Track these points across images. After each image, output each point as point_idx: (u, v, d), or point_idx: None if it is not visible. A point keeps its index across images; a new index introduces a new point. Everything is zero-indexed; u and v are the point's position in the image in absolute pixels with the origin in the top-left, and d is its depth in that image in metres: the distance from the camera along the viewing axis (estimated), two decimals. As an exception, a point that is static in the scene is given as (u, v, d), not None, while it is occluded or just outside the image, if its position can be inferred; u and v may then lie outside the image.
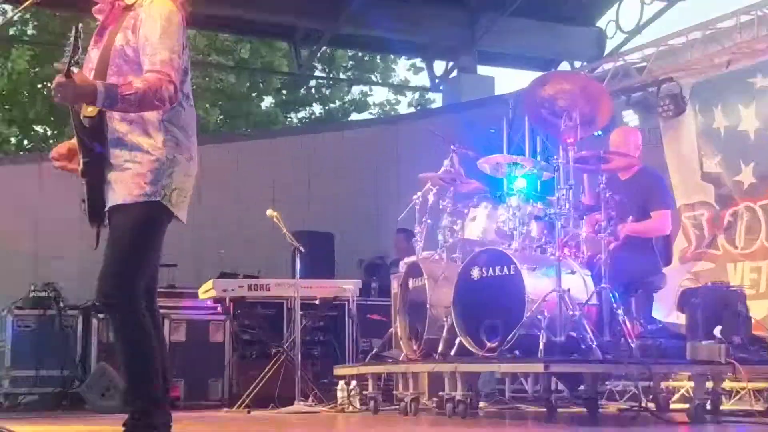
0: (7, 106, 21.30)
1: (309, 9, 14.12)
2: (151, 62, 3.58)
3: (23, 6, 3.86)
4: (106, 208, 3.72)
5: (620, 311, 6.49)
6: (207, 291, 9.23)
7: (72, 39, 3.43)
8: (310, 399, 8.54)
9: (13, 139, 22.54)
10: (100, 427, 6.35)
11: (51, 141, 22.24)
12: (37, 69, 21.35)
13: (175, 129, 3.73)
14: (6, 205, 11.11)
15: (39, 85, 21.57)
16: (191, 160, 3.79)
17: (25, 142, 22.98)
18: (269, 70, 23.40)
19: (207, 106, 22.51)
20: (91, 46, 3.84)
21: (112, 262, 3.64)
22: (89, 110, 3.65)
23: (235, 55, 22.59)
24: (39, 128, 22.99)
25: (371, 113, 26.58)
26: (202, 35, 20.77)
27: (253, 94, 25.11)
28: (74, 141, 3.81)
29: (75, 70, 3.43)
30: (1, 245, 10.99)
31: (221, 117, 24.09)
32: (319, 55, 18.33)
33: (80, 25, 3.45)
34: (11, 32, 20.76)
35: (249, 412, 8.29)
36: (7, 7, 13.26)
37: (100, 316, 9.38)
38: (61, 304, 9.78)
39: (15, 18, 19.25)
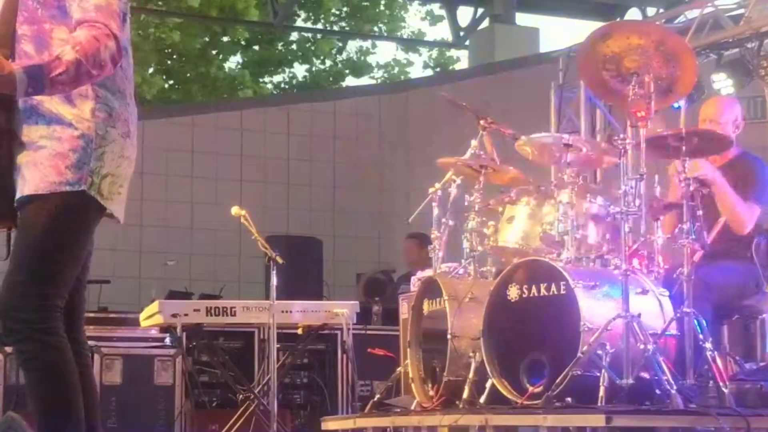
0: None
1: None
2: (83, 8, 3.58)
3: None
4: (17, 198, 3.71)
5: (708, 344, 6.49)
6: (151, 316, 9.24)
7: None
8: (290, 462, 8.57)
9: None
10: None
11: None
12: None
13: (108, 94, 3.72)
14: None
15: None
16: (129, 137, 3.78)
17: None
18: (232, 20, 23.33)
19: (147, 71, 22.43)
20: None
21: (18, 271, 3.63)
22: None
23: (181, 2, 22.44)
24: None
25: (372, 77, 26.63)
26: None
27: (213, 52, 25.11)
28: None
29: None
30: None
31: (170, 82, 24.07)
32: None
33: None
34: None
35: (208, 479, 8.32)
36: None
37: (8, 349, 9.40)
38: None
39: None
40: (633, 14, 16.13)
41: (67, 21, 3.62)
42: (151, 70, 22.86)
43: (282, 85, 26.53)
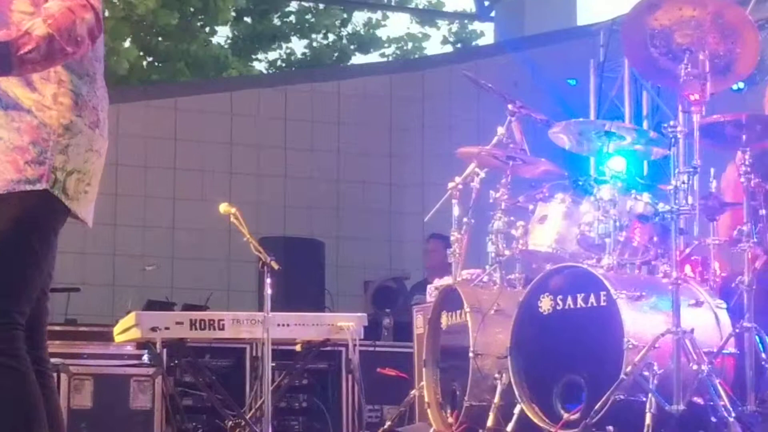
0: None
1: None
2: None
3: None
4: None
5: (772, 365, 6.49)
6: (126, 330, 9.24)
7: None
8: (287, 499, 8.58)
9: None
10: None
11: None
12: None
13: (74, 77, 3.71)
14: None
15: None
16: (98, 127, 3.77)
17: None
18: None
19: (120, 46, 22.41)
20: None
21: None
22: None
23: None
24: None
25: (383, 55, 26.71)
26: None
27: (198, 24, 25.16)
28: None
29: None
30: None
31: (150, 60, 24.10)
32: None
33: None
34: None
35: None
36: None
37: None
38: None
39: None
40: (684, -19, 16.15)
41: None
42: (127, 44, 22.83)
43: (278, 63, 26.60)
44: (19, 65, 3.47)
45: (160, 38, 23.97)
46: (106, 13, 21.43)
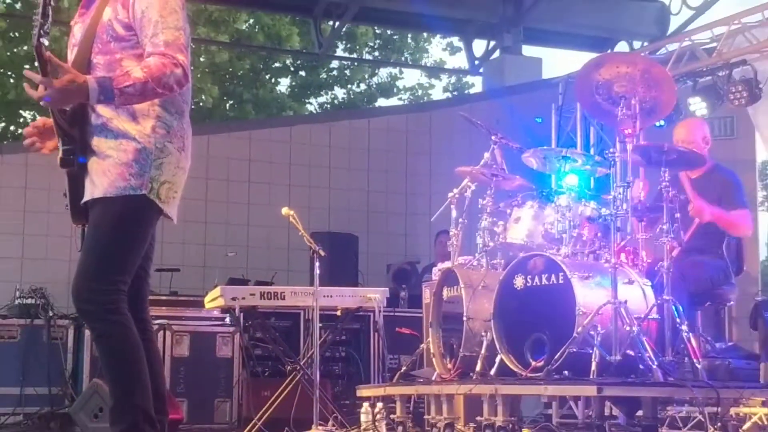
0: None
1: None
2: (153, 44, 3.56)
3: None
4: (84, 200, 3.70)
5: (684, 327, 6.46)
6: (214, 299, 9.22)
7: (41, 8, 3.39)
8: (330, 423, 8.53)
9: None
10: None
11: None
12: (24, 48, 21.46)
13: (167, 114, 3.70)
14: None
15: (27, 66, 21.63)
16: (183, 151, 3.76)
17: (11, 128, 23.09)
18: (279, 49, 23.26)
19: (206, 85, 22.33)
20: (75, 19, 3.82)
21: (90, 261, 3.62)
22: None
23: (230, 27, 22.27)
24: (27, 114, 23.10)
25: (400, 99, 26.63)
26: (220, 26, 20.70)
27: (267, 76, 25.11)
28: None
29: (45, 42, 3.37)
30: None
31: (230, 102, 24.08)
32: (342, 32, 18.33)
33: None
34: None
35: (261, 437, 8.31)
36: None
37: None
38: (50, 313, 9.81)
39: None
40: (622, 47, 16.06)
41: (136, 53, 3.60)
42: (209, 84, 22.74)
43: (325, 105, 26.54)
44: (118, 96, 3.46)
45: (235, 83, 23.96)
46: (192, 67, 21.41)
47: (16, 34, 21.46)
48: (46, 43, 3.37)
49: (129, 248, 3.69)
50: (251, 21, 21.95)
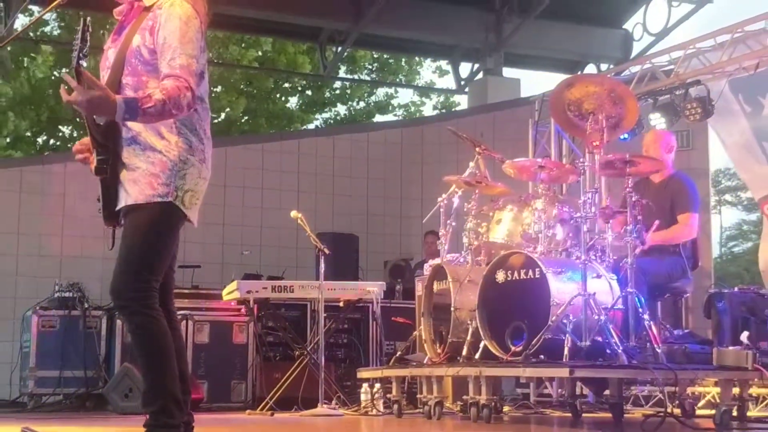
0: (31, 107, 21.34)
1: (334, 10, 14.14)
2: (170, 66, 3.56)
3: (50, 6, 3.85)
4: (118, 207, 3.71)
5: (646, 316, 6.46)
6: (231, 292, 9.23)
7: (80, 32, 3.40)
8: (334, 402, 8.54)
9: (39, 140, 22.69)
10: (123, 428, 6.36)
11: (77, 141, 22.27)
12: (64, 70, 21.46)
13: (188, 131, 3.70)
14: (32, 205, 11.20)
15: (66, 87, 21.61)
16: (204, 162, 3.76)
17: (51, 141, 23.13)
18: (290, 72, 23.34)
19: (233, 98, 22.38)
20: (108, 44, 3.83)
21: (126, 263, 3.62)
22: None
23: (257, 49, 22.29)
24: (65, 129, 23.13)
25: (395, 115, 26.64)
26: (218, 39, 20.70)
27: (277, 95, 25.17)
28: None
29: (83, 63, 3.39)
30: (27, 245, 11.08)
31: (246, 118, 24.12)
32: (344, 56, 18.34)
33: (89, 18, 3.42)
34: (38, 32, 20.91)
35: (272, 414, 8.30)
36: (35, 7, 13.34)
37: (124, 317, 9.41)
38: (86, 305, 9.83)
39: (43, 17, 19.32)
40: (590, 68, 16.06)
41: (157, 75, 3.61)
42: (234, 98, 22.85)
43: (329, 121, 26.56)
44: (142, 114, 3.47)
45: (252, 102, 24.02)
46: (219, 88, 21.53)
47: (56, 58, 21.46)
48: (84, 64, 3.39)
49: (159, 251, 3.70)
50: (275, 44, 22.09)
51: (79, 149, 3.87)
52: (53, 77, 21.53)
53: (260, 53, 22.69)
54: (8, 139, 20.60)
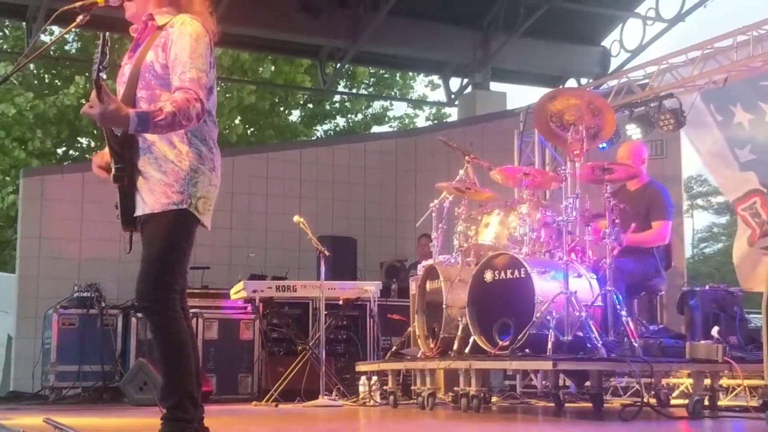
0: (54, 127, 21.40)
1: (333, 29, 14.14)
2: (181, 80, 3.56)
3: (70, 27, 3.85)
4: (136, 214, 3.71)
5: (624, 312, 6.47)
6: (238, 292, 9.23)
7: (100, 47, 3.40)
8: (334, 393, 8.54)
9: (59, 151, 22.69)
10: (138, 419, 6.36)
11: (94, 152, 22.32)
12: (87, 86, 21.52)
13: (198, 142, 3.70)
14: (54, 212, 11.20)
15: (83, 101, 21.70)
16: (214, 171, 3.76)
17: (71, 152, 23.14)
18: (293, 86, 23.38)
19: (232, 123, 22.51)
20: (125, 61, 3.83)
21: (149, 268, 3.62)
22: None
23: (257, 75, 22.40)
24: (83, 140, 23.13)
25: (391, 126, 26.63)
26: (227, 55, 20.76)
27: (281, 108, 25.18)
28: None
29: (103, 76, 3.39)
30: (48, 249, 11.08)
31: (251, 130, 24.13)
32: (343, 71, 18.35)
33: (107, 33, 3.41)
34: (59, 51, 20.92)
35: (277, 405, 8.30)
36: (55, 28, 13.35)
37: (139, 315, 9.42)
38: (103, 304, 9.84)
39: (63, 37, 19.34)
40: (571, 83, 16.06)
41: (170, 89, 3.61)
42: (237, 121, 22.90)
43: (329, 132, 26.57)
44: (153, 127, 3.46)
45: (257, 116, 24.06)
46: (227, 107, 21.58)
47: (86, 90, 21.51)
48: (104, 77, 3.38)
49: (178, 256, 3.69)
50: (273, 68, 22.21)
51: (97, 162, 3.87)
52: (80, 103, 21.58)
53: (262, 69, 22.78)
54: (25, 154, 20.66)
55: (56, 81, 21.93)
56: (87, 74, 20.10)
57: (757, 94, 9.23)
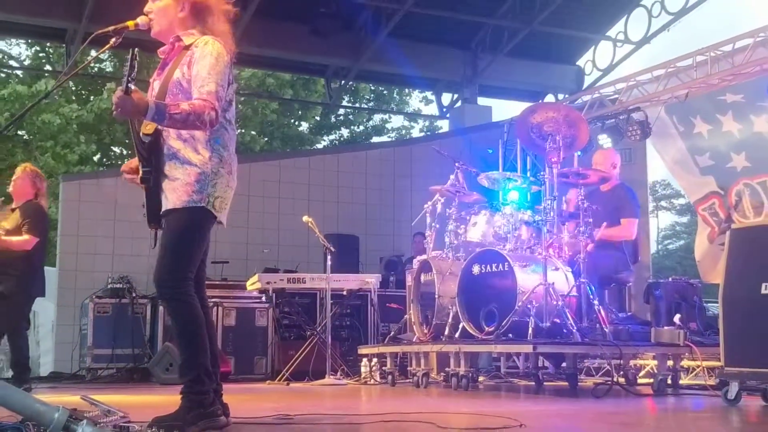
0: (93, 135, 21.46)
1: (338, 50, 14.18)
2: (200, 92, 3.57)
3: (104, 48, 3.85)
4: (161, 211, 3.71)
5: (596, 302, 6.47)
6: (253, 283, 9.23)
7: (129, 60, 3.40)
8: (339, 373, 8.54)
9: (95, 158, 22.73)
10: (164, 396, 6.36)
11: (126, 159, 22.40)
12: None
13: (220, 148, 3.70)
14: (90, 213, 11.20)
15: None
16: (231, 174, 3.77)
17: (105, 160, 23.17)
18: (306, 101, 23.47)
19: (253, 133, 22.62)
20: (154, 77, 3.84)
21: (165, 257, 3.61)
22: (147, 128, 3.62)
23: (279, 93, 22.61)
24: (116, 149, 23.15)
25: (389, 137, 26.65)
26: (256, 77, 20.83)
27: (292, 120, 25.22)
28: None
29: (132, 87, 3.38)
30: (85, 245, 11.08)
31: (266, 140, 24.20)
32: (346, 88, 18.38)
33: (137, 49, 3.41)
34: (96, 70, 20.96)
35: (288, 384, 8.30)
36: (91, 49, 13.37)
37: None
38: (134, 294, 9.86)
39: (99, 56, 19.37)
40: (549, 98, 16.05)
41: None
42: (253, 133, 23.01)
43: (334, 141, 26.57)
44: (168, 119, 3.45)
45: (271, 128, 24.11)
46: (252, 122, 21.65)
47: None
48: (132, 87, 3.37)
49: (192, 246, 3.68)
50: (291, 92, 22.56)
51: (126, 170, 3.88)
52: (104, 108, 21.68)
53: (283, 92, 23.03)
54: (77, 157, 20.70)
55: (91, 95, 21.95)
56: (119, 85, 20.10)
57: (714, 107, 9.24)
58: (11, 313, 7.06)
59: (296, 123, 25.56)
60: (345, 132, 26.74)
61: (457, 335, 6.91)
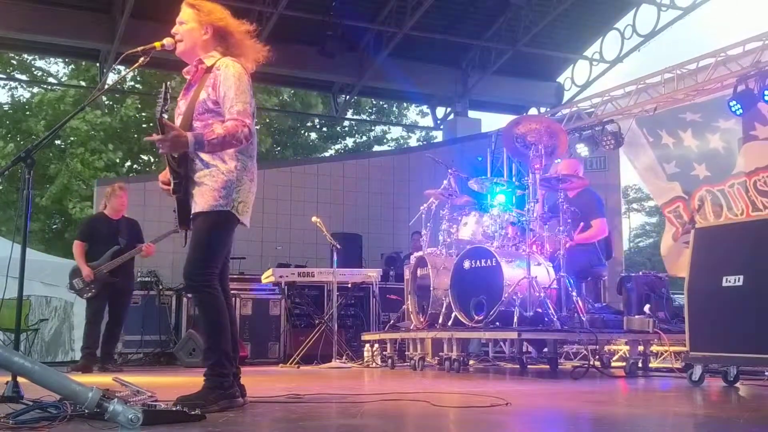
0: (119, 142, 21.46)
1: (343, 68, 14.22)
2: (230, 113, 3.58)
3: (132, 67, 3.86)
4: (191, 215, 3.72)
5: (574, 293, 6.48)
6: (268, 277, 9.23)
7: (163, 94, 3.41)
8: (344, 357, 8.54)
9: (126, 166, 22.75)
10: (188, 378, 6.36)
11: (153, 167, 22.40)
12: (143, 114, 21.65)
13: (245, 158, 3.71)
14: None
15: (144, 125, 21.83)
16: (253, 181, 3.78)
17: (134, 166, 23.18)
18: (313, 114, 23.52)
19: (263, 137, 22.71)
20: (180, 97, 3.84)
21: (194, 254, 3.62)
22: None
23: (290, 105, 22.68)
24: (144, 157, 23.15)
25: (389, 146, 26.67)
26: (271, 94, 20.88)
27: (302, 131, 25.22)
28: None
29: (165, 116, 3.41)
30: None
31: (278, 148, 24.18)
32: (351, 102, 18.39)
33: (169, 83, 3.43)
34: (124, 86, 20.99)
35: (298, 367, 8.30)
36: (121, 67, 13.39)
37: (189, 295, 9.41)
38: (160, 287, 9.85)
39: (127, 75, 19.39)
40: (532, 111, 16.07)
41: (219, 119, 3.62)
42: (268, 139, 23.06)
43: (340, 150, 26.58)
44: (207, 145, 3.48)
45: (281, 137, 24.12)
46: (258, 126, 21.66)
47: (139, 105, 21.57)
48: (166, 117, 3.40)
49: (218, 245, 3.68)
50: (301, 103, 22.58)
51: (161, 179, 3.89)
52: (137, 116, 21.70)
53: (279, 99, 22.93)
54: (104, 164, 20.69)
55: (114, 105, 21.95)
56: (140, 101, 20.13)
57: (676, 123, 9.28)
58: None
59: (304, 133, 25.57)
60: (349, 142, 26.78)
61: (449, 323, 6.92)
